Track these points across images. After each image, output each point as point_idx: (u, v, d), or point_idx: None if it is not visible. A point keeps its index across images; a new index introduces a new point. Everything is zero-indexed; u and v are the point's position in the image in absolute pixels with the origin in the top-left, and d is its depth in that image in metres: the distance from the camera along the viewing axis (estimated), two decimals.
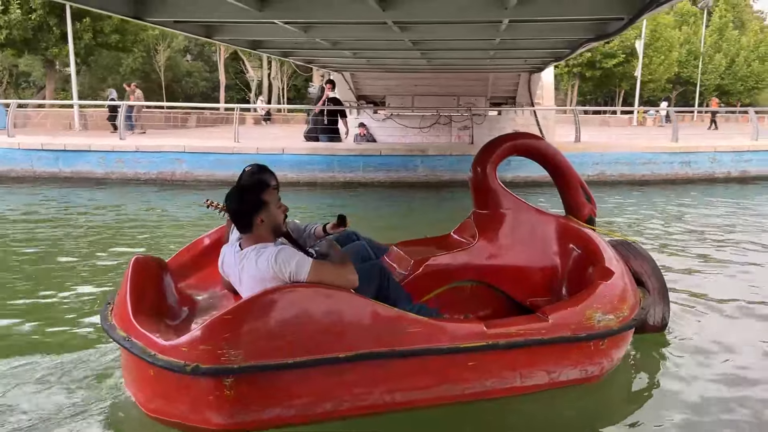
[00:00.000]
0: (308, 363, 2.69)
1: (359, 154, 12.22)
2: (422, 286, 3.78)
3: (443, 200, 11.35)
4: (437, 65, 13.40)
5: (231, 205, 2.86)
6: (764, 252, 7.30)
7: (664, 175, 12.88)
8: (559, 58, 10.76)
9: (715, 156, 13.03)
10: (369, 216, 9.82)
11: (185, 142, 12.44)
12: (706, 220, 9.37)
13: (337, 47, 10.21)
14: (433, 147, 12.63)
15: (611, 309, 3.35)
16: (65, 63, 28.45)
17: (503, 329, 3.13)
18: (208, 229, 3.79)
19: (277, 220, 2.88)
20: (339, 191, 11.77)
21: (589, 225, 4.09)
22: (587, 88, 43.08)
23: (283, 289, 2.71)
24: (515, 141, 4.24)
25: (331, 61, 13.80)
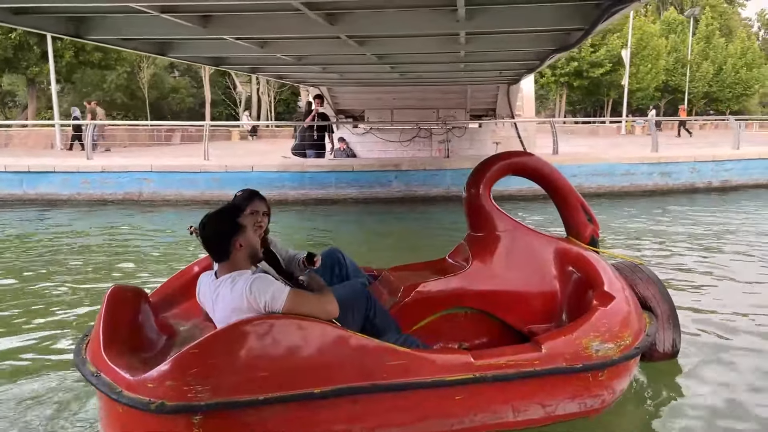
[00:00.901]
0: (282, 399, 2.55)
1: (331, 170, 11.96)
2: (413, 313, 3.59)
3: (419, 216, 11.09)
4: (411, 79, 13.21)
5: (203, 232, 2.71)
6: (765, 264, 7.08)
7: (644, 187, 12.64)
8: (531, 70, 10.55)
9: (695, 166, 12.81)
10: (341, 234, 9.57)
11: (152, 161, 12.16)
12: (696, 231, 9.11)
13: (302, 62, 10.00)
14: (407, 162, 12.39)
15: (611, 337, 3.14)
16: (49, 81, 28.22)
17: (492, 360, 2.93)
18: (179, 254, 3.50)
19: (255, 246, 2.74)
20: (311, 209, 11.50)
21: (591, 247, 3.89)
22: (576, 98, 43.09)
23: (255, 320, 2.56)
24: (510, 160, 4.05)
25: (302, 77, 13.61)
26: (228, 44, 7.68)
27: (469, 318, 3.71)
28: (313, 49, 8.16)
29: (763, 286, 6.21)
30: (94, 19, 6.21)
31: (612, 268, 3.70)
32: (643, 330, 3.42)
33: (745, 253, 7.58)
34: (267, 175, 11.72)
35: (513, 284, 3.70)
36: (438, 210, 11.37)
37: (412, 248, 8.25)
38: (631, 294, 3.56)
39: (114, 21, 6.12)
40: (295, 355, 2.58)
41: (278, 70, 11.46)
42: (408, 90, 16.08)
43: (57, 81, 29.25)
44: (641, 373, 3.87)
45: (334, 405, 2.66)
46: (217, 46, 7.97)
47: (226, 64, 10.01)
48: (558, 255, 3.78)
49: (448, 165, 12.30)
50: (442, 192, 12.16)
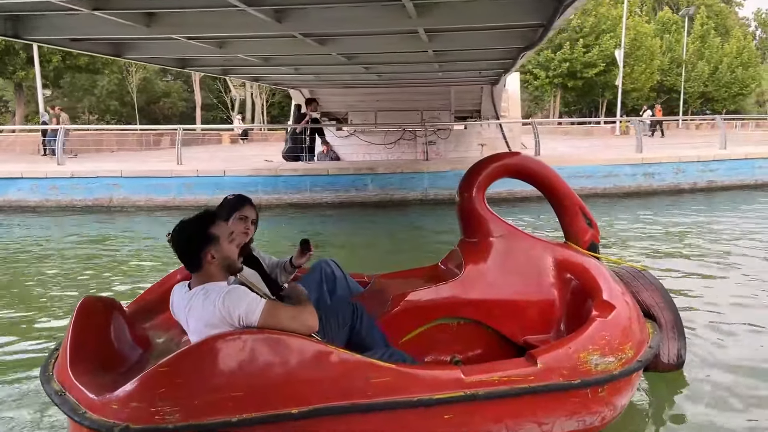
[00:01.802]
0: (257, 420, 2.37)
1: (305, 174, 11.68)
2: (402, 324, 3.36)
3: (397, 220, 10.82)
4: (390, 80, 12.99)
5: (174, 241, 2.51)
6: (761, 264, 6.81)
7: (627, 188, 12.34)
8: (507, 69, 10.30)
9: (679, 166, 12.51)
10: (317, 239, 9.23)
11: (122, 166, 11.89)
12: (687, 234, 8.79)
13: (271, 63, 9.76)
14: (383, 165, 12.11)
15: (611, 350, 2.94)
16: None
17: (483, 376, 2.72)
18: (153, 263, 3.22)
19: (230, 257, 2.55)
20: (285, 214, 11.22)
21: (591, 252, 3.67)
22: (571, 99, 42.87)
23: (228, 335, 2.39)
24: (504, 161, 3.80)
25: (278, 78, 13.38)
26: (184, 44, 7.44)
27: (462, 328, 3.50)
28: (275, 49, 7.91)
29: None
30: (32, 18, 5.96)
31: (613, 274, 3.51)
32: (645, 341, 3.22)
33: (744, 255, 7.27)
34: (239, 179, 11.45)
35: (508, 293, 3.49)
36: (416, 214, 11.10)
37: (392, 253, 8.02)
38: (633, 302, 3.34)
39: (51, 20, 5.89)
40: (272, 373, 2.41)
41: (250, 71, 11.22)
42: (391, 91, 15.83)
43: (45, 86, 29.17)
44: (645, 384, 3.68)
45: (313, 426, 2.48)
46: (173, 47, 7.71)
47: (192, 65, 9.74)
48: (556, 261, 3.57)
49: (425, 168, 12.02)
50: (420, 195, 11.88)
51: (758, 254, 7.32)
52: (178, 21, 6.02)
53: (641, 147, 13.35)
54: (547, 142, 23.22)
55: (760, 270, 6.59)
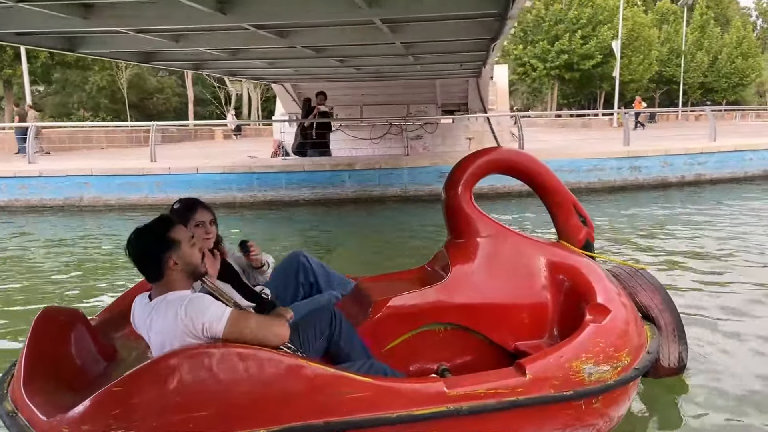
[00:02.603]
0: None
1: (280, 171, 11.40)
2: (385, 331, 3.12)
3: (376, 218, 10.57)
4: (370, 73, 12.70)
5: (130, 250, 2.31)
6: (761, 260, 6.54)
7: (612, 182, 12.03)
8: (483, 61, 9.96)
9: (666, 160, 12.19)
10: (294, 239, 9.04)
11: (93, 164, 11.62)
12: (679, 227, 8.51)
13: (239, 57, 9.48)
14: (360, 161, 11.80)
15: (606, 358, 2.76)
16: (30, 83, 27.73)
17: (468, 389, 2.53)
18: (125, 268, 2.97)
19: (193, 261, 2.37)
20: (260, 212, 10.95)
21: (586, 251, 3.47)
22: (569, 91, 42.44)
23: (189, 350, 2.21)
24: (492, 156, 3.56)
25: (255, 72, 13.09)
26: (136, 38, 7.19)
27: (450, 335, 3.25)
28: (235, 42, 7.65)
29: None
30: None
31: (609, 275, 3.30)
32: (643, 346, 3.02)
33: (743, 251, 6.99)
34: (212, 176, 11.18)
35: (497, 296, 3.27)
36: (397, 211, 10.83)
37: (374, 253, 7.76)
38: (630, 304, 3.15)
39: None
40: (237, 390, 2.22)
41: (222, 66, 10.93)
42: (375, 85, 15.54)
43: (34, 82, 28.95)
44: (643, 391, 3.48)
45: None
46: (127, 41, 7.46)
47: (157, 60, 9.44)
48: (548, 262, 3.35)
49: (404, 163, 11.71)
50: (399, 191, 11.59)
51: (756, 251, 7.01)
52: (118, 13, 5.77)
53: (628, 140, 13.03)
54: (541, 135, 22.97)
55: (760, 266, 6.32)
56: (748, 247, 7.20)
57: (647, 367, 2.96)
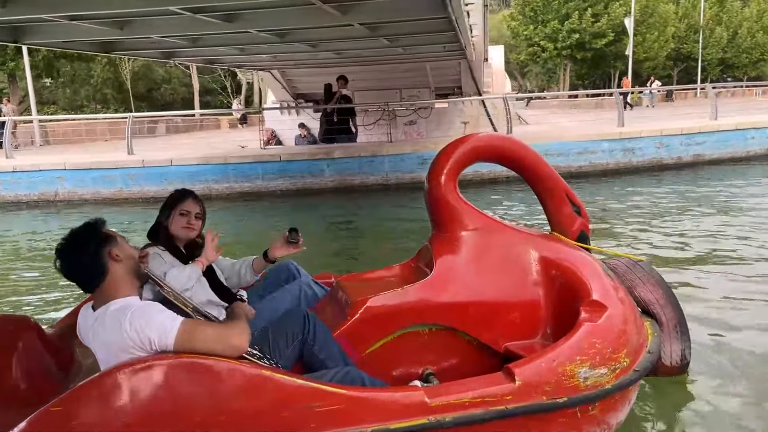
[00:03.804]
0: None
1: (256, 161, 11.06)
2: (365, 334, 2.87)
3: (357, 208, 10.20)
4: (349, 57, 12.27)
5: (61, 256, 2.13)
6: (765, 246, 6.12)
7: (605, 165, 11.48)
8: (459, 42, 9.47)
9: (662, 141, 11.59)
10: (272, 233, 8.63)
11: (65, 158, 11.40)
12: (679, 213, 8.05)
13: (200, 45, 9.17)
14: (338, 149, 11.41)
15: (602, 360, 2.54)
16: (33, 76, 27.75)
17: (452, 398, 2.30)
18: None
19: (134, 257, 2.21)
20: (237, 204, 10.66)
21: (580, 243, 3.24)
22: (583, 70, 41.41)
23: (134, 364, 1.99)
24: (477, 144, 3.29)
25: (234, 60, 12.76)
26: (74, 27, 6.91)
27: (435, 336, 2.99)
28: (179, 29, 7.29)
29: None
30: None
31: (605, 268, 3.05)
32: (644, 345, 2.80)
33: (748, 238, 6.53)
34: (187, 168, 10.90)
35: (486, 294, 3.01)
36: (378, 201, 10.46)
37: (355, 246, 7.48)
38: (628, 300, 2.94)
39: None
40: (192, 407, 2.01)
41: (191, 53, 10.60)
42: (365, 70, 15.11)
43: (39, 76, 28.97)
44: (643, 390, 3.28)
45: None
46: (71, 30, 7.16)
47: (120, 50, 9.16)
48: (540, 256, 3.11)
49: (385, 151, 11.31)
50: (380, 180, 11.21)
51: (764, 237, 6.53)
52: (36, 1, 5.44)
53: (623, 121, 12.46)
54: (548, 116, 22.37)
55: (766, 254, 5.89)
56: (754, 233, 6.70)
57: (648, 368, 2.72)
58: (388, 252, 6.84)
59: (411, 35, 8.92)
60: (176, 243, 2.86)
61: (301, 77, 16.45)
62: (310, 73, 16.15)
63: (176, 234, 2.85)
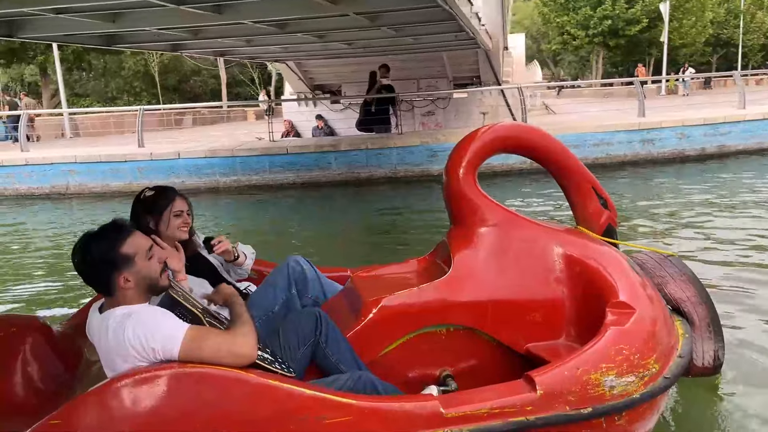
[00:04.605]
0: None
1: (263, 154, 10.99)
2: (379, 335, 2.75)
3: (365, 201, 10.07)
4: (360, 48, 12.07)
5: (76, 263, 2.08)
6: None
7: (622, 157, 11.05)
8: (464, 30, 9.20)
9: (683, 131, 11.10)
10: (279, 226, 8.60)
11: (77, 151, 11.50)
12: (703, 206, 7.71)
13: (200, 37, 9.07)
14: (346, 141, 11.25)
15: (630, 367, 2.38)
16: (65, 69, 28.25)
17: (468, 408, 2.18)
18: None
19: (150, 275, 2.10)
20: (244, 197, 10.61)
21: (607, 238, 3.09)
22: (617, 58, 40.32)
23: (136, 374, 1.93)
24: (499, 134, 3.13)
25: (245, 52, 12.67)
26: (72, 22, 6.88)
27: (453, 337, 2.87)
28: (172, 21, 7.20)
29: None
30: None
31: (634, 264, 2.89)
32: (674, 348, 2.62)
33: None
34: (194, 161, 10.89)
35: (506, 292, 2.88)
36: (387, 194, 10.28)
37: (365, 242, 7.29)
38: (658, 299, 2.76)
39: None
40: (195, 419, 1.96)
41: (198, 46, 10.53)
42: (381, 61, 14.88)
43: (69, 69, 29.51)
44: (672, 393, 3.11)
45: None
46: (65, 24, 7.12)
47: (123, 43, 9.13)
48: (564, 252, 2.95)
49: (392, 143, 11.10)
50: (388, 173, 11.00)
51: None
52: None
53: (643, 111, 11.99)
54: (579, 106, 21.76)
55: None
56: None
57: (679, 374, 2.54)
58: (398, 244, 6.69)
59: (413, 24, 8.68)
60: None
61: (318, 68, 16.34)
62: (326, 64, 16.02)
63: (172, 236, 2.72)
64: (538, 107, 23.28)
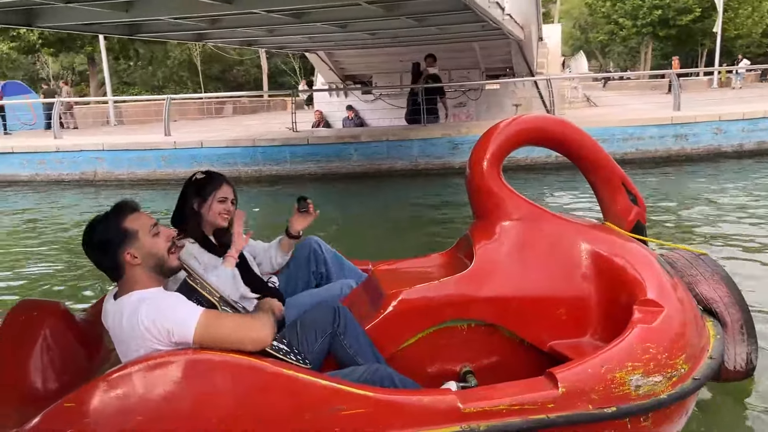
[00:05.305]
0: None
1: (284, 144, 10.97)
2: (399, 328, 2.75)
3: (386, 193, 9.96)
4: (383, 38, 11.94)
5: (85, 247, 2.13)
6: None
7: (653, 153, 10.62)
8: (486, 21, 8.96)
9: (719, 126, 10.58)
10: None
11: (104, 139, 11.73)
12: (737, 204, 7.45)
13: (217, 27, 9.11)
14: (366, 133, 11.14)
15: (657, 367, 2.31)
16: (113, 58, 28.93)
17: (487, 404, 2.14)
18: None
19: (156, 252, 2.10)
20: (266, 188, 10.62)
21: (636, 235, 3.06)
22: (668, 49, 39.00)
23: (149, 359, 1.95)
24: (525, 125, 3.09)
25: (271, 41, 12.69)
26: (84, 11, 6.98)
27: (474, 332, 2.86)
28: (184, 9, 7.22)
29: None
30: None
31: (664, 262, 2.81)
32: (705, 350, 2.54)
33: None
34: (216, 151, 10.97)
35: (530, 288, 2.84)
36: (407, 186, 10.14)
37: (382, 237, 7.17)
38: (688, 299, 2.68)
39: None
40: (208, 406, 1.97)
41: (221, 35, 10.61)
42: (412, 50, 14.70)
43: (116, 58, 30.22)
44: (701, 397, 3.01)
45: None
46: (77, 14, 7.24)
47: (145, 32, 9.23)
48: (591, 248, 2.89)
49: (414, 135, 10.94)
50: (409, 165, 10.85)
51: None
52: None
53: (678, 105, 11.50)
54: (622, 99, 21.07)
55: None
56: None
57: (710, 375, 2.46)
58: (418, 238, 6.57)
59: (432, 14, 8.52)
60: (205, 231, 2.74)
61: (348, 58, 16.24)
62: (356, 54, 15.91)
63: (212, 221, 2.72)
64: (580, 99, 22.67)
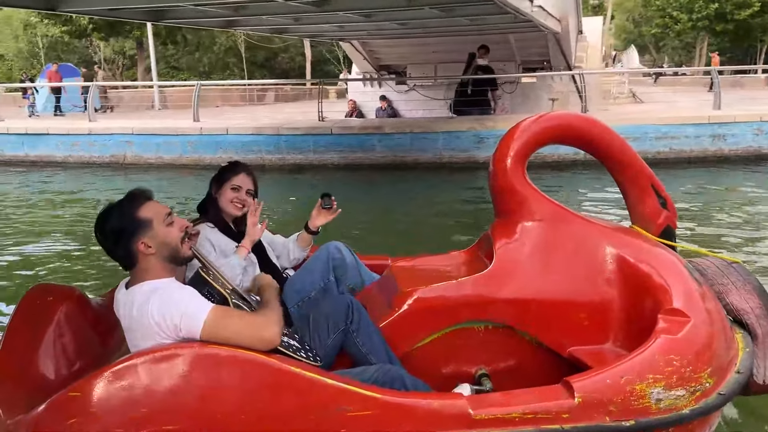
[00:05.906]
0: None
1: (307, 133, 10.95)
2: (413, 327, 2.72)
3: (408, 186, 9.82)
4: (417, 27, 11.76)
5: (98, 236, 2.14)
6: None
7: (689, 153, 10.16)
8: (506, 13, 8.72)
9: (761, 127, 10.06)
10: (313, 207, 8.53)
11: (134, 123, 11.93)
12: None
13: (244, 14, 9.17)
14: (389, 124, 11.01)
15: (680, 381, 2.20)
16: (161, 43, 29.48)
17: (499, 411, 2.09)
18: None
19: (170, 242, 2.09)
20: (289, 176, 10.64)
21: (665, 240, 2.94)
22: (725, 44, 37.47)
23: (155, 351, 1.96)
24: (551, 123, 2.99)
25: (301, 30, 12.68)
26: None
27: (491, 334, 2.80)
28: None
29: None
30: None
31: (693, 270, 2.71)
32: (732, 363, 2.40)
33: None
34: (241, 138, 11.02)
35: (551, 291, 2.77)
36: (430, 179, 10.00)
37: (403, 231, 7.09)
38: (717, 310, 2.54)
39: None
40: (212, 401, 1.96)
41: (247, 23, 10.63)
42: (444, 41, 14.55)
43: (164, 43, 30.82)
44: (726, 411, 2.91)
45: None
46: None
47: (170, 18, 9.32)
48: (616, 251, 2.80)
49: (438, 128, 10.75)
50: (433, 158, 10.68)
51: None
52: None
53: (719, 103, 10.99)
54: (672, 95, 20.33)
55: None
56: None
57: (737, 391, 2.33)
58: (446, 236, 6.36)
59: (452, 5, 8.33)
60: (225, 218, 2.76)
61: (383, 48, 16.13)
62: (391, 44, 15.79)
63: (224, 208, 2.75)
64: (626, 95, 22.00)
